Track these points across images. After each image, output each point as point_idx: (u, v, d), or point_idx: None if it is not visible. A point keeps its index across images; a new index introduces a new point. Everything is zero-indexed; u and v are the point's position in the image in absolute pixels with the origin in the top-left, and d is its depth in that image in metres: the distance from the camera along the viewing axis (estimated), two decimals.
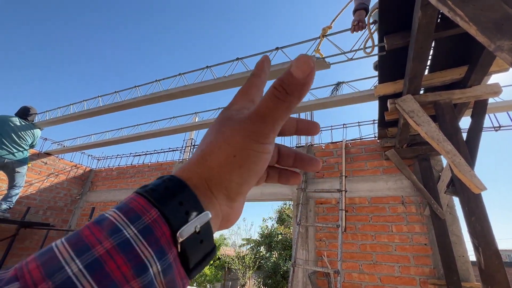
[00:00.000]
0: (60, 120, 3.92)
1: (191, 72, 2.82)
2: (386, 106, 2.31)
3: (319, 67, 2.18)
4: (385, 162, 2.98)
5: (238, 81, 2.50)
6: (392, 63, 1.96)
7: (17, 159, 3.75)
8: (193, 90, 2.75)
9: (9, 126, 3.77)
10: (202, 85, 2.67)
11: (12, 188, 3.77)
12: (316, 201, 3.14)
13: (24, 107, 4.05)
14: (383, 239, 2.64)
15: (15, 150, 3.74)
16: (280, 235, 13.29)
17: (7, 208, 3.69)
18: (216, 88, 2.66)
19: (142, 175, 4.80)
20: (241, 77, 2.47)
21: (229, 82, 2.54)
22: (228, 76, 2.53)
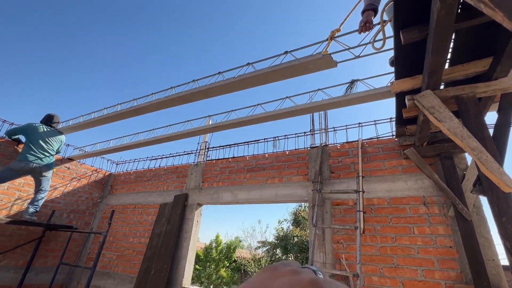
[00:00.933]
0: (82, 125, 4.09)
1: (204, 78, 2.86)
2: (403, 103, 2.23)
3: (326, 66, 2.15)
4: (404, 161, 2.87)
5: (246, 81, 2.52)
6: (409, 57, 1.89)
7: (44, 164, 3.95)
8: (204, 91, 2.79)
9: (37, 133, 3.99)
10: (212, 86, 2.71)
11: (39, 192, 3.97)
12: (332, 202, 3.07)
13: (48, 114, 4.29)
14: (404, 242, 2.53)
15: (42, 155, 3.95)
16: (296, 238, 13.13)
17: (34, 211, 3.89)
18: (226, 89, 2.69)
19: (158, 178, 4.90)
20: (249, 76, 2.48)
21: (238, 82, 2.56)
22: (237, 77, 2.56)
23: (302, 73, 2.30)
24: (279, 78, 2.42)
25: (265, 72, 2.39)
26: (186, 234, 3.89)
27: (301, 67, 2.23)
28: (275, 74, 2.38)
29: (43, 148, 3.97)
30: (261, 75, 2.42)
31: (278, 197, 3.45)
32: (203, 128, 3.68)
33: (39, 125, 4.08)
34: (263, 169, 3.78)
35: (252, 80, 2.50)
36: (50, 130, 4.15)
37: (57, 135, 4.23)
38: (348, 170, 3.17)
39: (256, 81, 2.52)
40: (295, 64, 2.23)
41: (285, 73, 2.34)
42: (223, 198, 3.88)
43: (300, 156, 3.59)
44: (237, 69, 2.62)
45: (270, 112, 3.09)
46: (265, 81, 2.50)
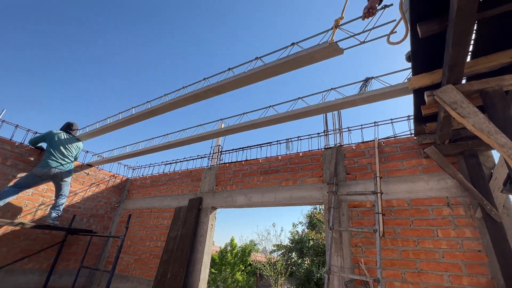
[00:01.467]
0: (99, 131, 4.22)
1: (214, 75, 2.89)
2: (422, 100, 2.13)
3: (333, 53, 2.14)
4: (424, 160, 2.75)
5: (256, 74, 2.53)
6: (427, 51, 1.80)
7: (65, 170, 4.12)
8: (216, 88, 2.82)
9: (57, 140, 4.17)
10: (224, 83, 2.73)
11: (59, 197, 4.12)
12: (349, 205, 2.98)
13: (67, 122, 4.49)
14: (427, 245, 2.41)
15: (63, 161, 4.12)
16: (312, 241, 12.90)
17: (56, 216, 4.04)
18: (237, 84, 2.71)
19: (173, 183, 4.97)
20: (259, 70, 2.49)
21: (248, 77, 2.58)
22: (247, 71, 2.57)
23: (309, 63, 2.30)
24: (288, 69, 2.42)
25: (274, 64, 2.40)
26: (201, 238, 3.90)
27: (308, 57, 2.23)
28: (283, 66, 2.39)
29: (63, 154, 4.14)
30: (270, 68, 2.44)
31: (292, 199, 3.39)
32: (215, 131, 3.69)
33: (59, 132, 4.26)
34: (277, 172, 3.74)
35: (261, 74, 2.52)
36: (69, 137, 4.33)
37: (76, 142, 4.41)
38: (364, 171, 3.08)
39: (266, 74, 2.53)
40: (302, 54, 2.22)
41: (293, 64, 2.35)
42: (237, 201, 3.86)
43: (314, 158, 3.52)
44: (246, 64, 2.64)
45: (282, 114, 3.05)
46: (274, 74, 2.51)
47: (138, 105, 3.74)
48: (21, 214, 4.12)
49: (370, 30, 1.97)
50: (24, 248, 4.06)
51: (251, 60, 2.59)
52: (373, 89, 2.50)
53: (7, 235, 3.93)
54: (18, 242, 4.03)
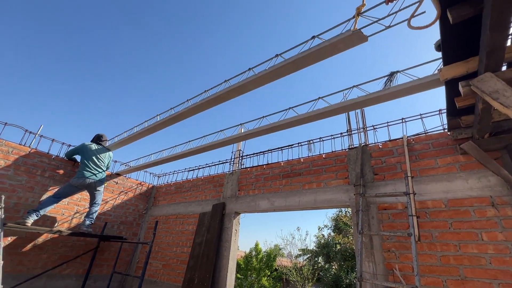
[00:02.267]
0: (127, 139, 4.39)
1: (235, 77, 2.89)
2: (456, 91, 1.97)
3: (357, 41, 2.04)
4: (461, 157, 2.53)
5: (278, 71, 2.49)
6: (460, 38, 1.66)
7: (98, 179, 4.35)
8: (238, 89, 2.81)
9: (90, 151, 4.42)
10: (245, 82, 2.71)
11: (93, 205, 4.35)
12: (378, 207, 2.82)
13: (97, 134, 4.76)
14: (471, 250, 2.19)
15: (96, 171, 4.35)
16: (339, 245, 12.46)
17: (90, 223, 4.26)
18: (259, 82, 2.68)
19: (196, 189, 5.05)
20: (280, 66, 2.44)
21: (269, 74, 2.55)
22: (268, 69, 2.53)
23: (332, 54, 2.22)
24: (310, 62, 2.35)
25: (295, 59, 2.34)
26: (226, 244, 3.90)
27: (331, 48, 2.15)
28: (305, 60, 2.32)
29: (96, 164, 4.39)
30: (291, 63, 2.38)
31: (317, 203, 3.28)
32: (236, 136, 3.70)
33: (91, 144, 4.52)
34: (299, 174, 3.65)
35: (283, 70, 2.48)
36: (100, 148, 4.58)
37: (107, 152, 4.66)
38: (393, 170, 2.90)
39: (287, 70, 2.48)
40: (325, 45, 2.14)
41: (316, 57, 2.27)
42: (260, 206, 3.82)
43: (338, 159, 3.39)
44: (266, 62, 2.61)
45: (303, 115, 2.98)
46: (296, 69, 2.45)
47: (162, 112, 3.84)
48: (58, 222, 4.39)
49: (395, 13, 1.85)
50: (62, 254, 4.31)
51: (271, 58, 2.55)
52: (400, 84, 2.35)
53: (47, 242, 4.20)
54: (57, 248, 4.29)
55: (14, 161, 4.05)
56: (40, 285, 3.96)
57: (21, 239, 3.95)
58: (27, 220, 3.58)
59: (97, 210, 4.42)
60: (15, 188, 4.00)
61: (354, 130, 3.48)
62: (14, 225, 3.44)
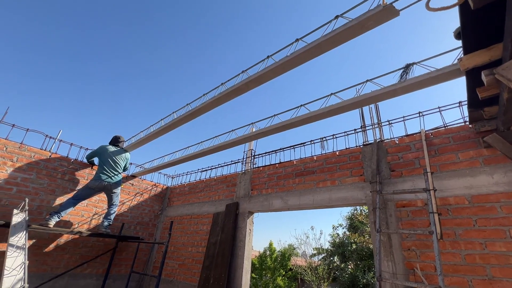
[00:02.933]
0: (144, 139, 4.39)
1: (253, 66, 2.78)
2: (478, 81, 1.87)
3: (387, 17, 1.90)
4: (485, 150, 2.40)
5: (300, 56, 2.34)
6: (482, 25, 1.57)
7: (114, 182, 4.46)
8: (257, 79, 2.70)
9: (106, 154, 4.53)
10: (266, 71, 2.59)
11: (111, 207, 4.47)
12: (396, 204, 2.73)
13: (114, 136, 4.86)
14: (498, 248, 2.08)
15: (112, 174, 4.46)
16: (354, 244, 12.23)
17: (108, 224, 4.37)
18: (279, 70, 2.55)
19: (210, 189, 5.09)
20: (302, 51, 2.28)
21: (291, 61, 2.40)
22: (290, 55, 2.39)
23: (359, 33, 2.06)
24: (334, 45, 2.19)
25: (319, 42, 2.17)
26: (240, 243, 3.90)
27: (359, 27, 1.99)
28: (329, 42, 2.15)
29: (112, 167, 4.49)
30: (314, 47, 2.21)
31: (332, 201, 3.22)
32: (247, 136, 3.69)
33: (108, 146, 4.64)
34: (313, 173, 3.59)
35: (305, 55, 2.32)
36: (116, 150, 4.68)
37: (123, 153, 4.74)
38: (411, 166, 2.80)
39: (310, 55, 2.31)
40: (352, 24, 1.99)
41: (341, 38, 2.11)
42: (274, 205, 3.80)
43: (352, 156, 3.31)
44: (286, 48, 2.46)
45: (315, 112, 2.93)
46: (319, 52, 2.28)
47: (178, 109, 3.77)
48: (78, 223, 4.54)
49: None
50: (83, 254, 4.46)
51: (291, 43, 2.41)
52: (417, 76, 2.26)
53: (69, 243, 4.36)
54: (78, 249, 4.44)
55: (36, 165, 4.23)
56: (63, 284, 4.11)
57: (45, 240, 4.12)
58: (49, 222, 3.72)
59: (115, 212, 4.53)
60: (38, 191, 4.17)
61: (368, 126, 3.40)
62: (38, 227, 3.58)
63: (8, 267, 2.76)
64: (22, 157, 4.12)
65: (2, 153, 3.95)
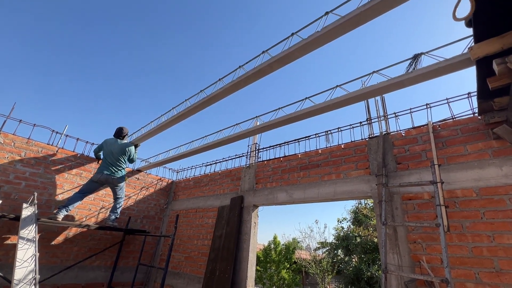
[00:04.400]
0: (155, 131, 4.32)
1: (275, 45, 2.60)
2: (488, 71, 1.82)
3: None
4: (494, 142, 2.36)
5: (334, 31, 2.17)
6: (494, 11, 1.52)
7: (115, 174, 4.41)
8: (281, 59, 2.52)
9: (109, 147, 4.48)
10: (292, 50, 2.43)
11: (116, 201, 4.52)
12: (402, 197, 2.71)
13: (118, 128, 4.77)
14: (507, 241, 2.05)
15: (113, 167, 4.40)
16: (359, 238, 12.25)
17: (115, 218, 4.44)
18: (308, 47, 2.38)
19: (214, 183, 5.11)
20: (337, 25, 2.12)
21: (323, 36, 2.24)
22: (321, 30, 2.23)
23: (392, 7, 1.90)
24: (364, 20, 2.03)
25: (357, 13, 1.99)
26: (245, 236, 3.93)
27: None
28: (361, 17, 1.99)
29: (113, 159, 4.43)
30: (351, 19, 2.02)
31: (337, 194, 3.21)
32: (251, 129, 3.68)
33: (110, 139, 4.59)
34: (318, 166, 3.58)
35: (340, 29, 2.12)
36: (119, 143, 4.56)
37: (125, 146, 4.59)
38: (418, 159, 2.76)
39: (344, 28, 2.11)
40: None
41: (374, 12, 1.94)
42: (278, 198, 3.80)
43: (358, 149, 3.29)
44: (314, 23, 2.28)
45: (320, 105, 2.90)
46: (356, 25, 2.09)
47: (191, 96, 3.61)
48: (86, 217, 4.62)
49: None
50: (91, 247, 4.55)
51: (320, 17, 2.24)
52: (425, 66, 2.21)
53: (77, 236, 4.44)
54: (86, 242, 4.53)
55: (44, 160, 4.29)
56: (72, 275, 4.21)
57: (54, 233, 4.21)
58: (58, 216, 3.79)
59: (121, 205, 4.58)
60: (46, 185, 4.24)
61: (374, 118, 3.35)
62: (47, 220, 3.66)
63: (20, 259, 2.83)
64: (30, 152, 4.18)
65: (10, 148, 4.01)
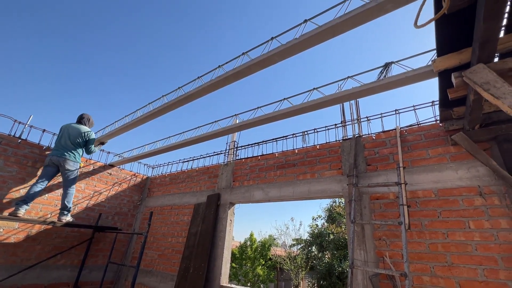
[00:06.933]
0: (130, 125, 4.12)
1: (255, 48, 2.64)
2: (448, 83, 1.99)
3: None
4: (452, 148, 2.58)
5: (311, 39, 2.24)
6: (454, 29, 1.66)
7: (64, 157, 3.99)
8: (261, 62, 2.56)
9: (65, 131, 4.16)
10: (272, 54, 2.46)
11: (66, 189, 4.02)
12: (370, 197, 2.87)
13: (80, 114, 4.48)
14: (458, 237, 2.27)
15: (63, 149, 4.03)
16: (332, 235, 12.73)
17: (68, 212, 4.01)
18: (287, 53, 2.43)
19: (191, 180, 5.05)
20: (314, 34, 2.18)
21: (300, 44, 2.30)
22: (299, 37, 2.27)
23: (376, 16, 1.99)
24: (349, 27, 2.10)
25: (333, 24, 2.08)
26: (221, 234, 3.94)
27: (377, 9, 1.91)
28: (343, 24, 2.07)
29: (67, 142, 4.08)
30: (327, 29, 2.12)
31: (311, 193, 3.33)
32: (230, 127, 3.69)
33: (67, 124, 4.24)
34: (294, 165, 3.68)
35: (317, 37, 2.21)
36: (76, 127, 4.23)
37: (83, 130, 4.25)
38: (386, 161, 2.94)
39: (321, 37, 2.20)
40: (370, 7, 1.90)
41: (356, 21, 2.03)
42: (255, 196, 3.85)
43: (332, 150, 3.42)
44: (293, 29, 2.36)
45: (298, 106, 2.98)
46: (331, 35, 2.18)
47: (169, 93, 3.53)
48: (51, 213, 4.36)
49: None
50: (56, 245, 4.30)
51: (299, 24, 2.30)
52: (395, 74, 2.36)
53: (41, 233, 4.18)
54: (51, 240, 4.27)
55: (4, 152, 3.97)
56: (34, 275, 3.96)
57: (14, 230, 3.92)
58: (18, 212, 3.53)
59: (72, 194, 4.09)
60: (5, 179, 3.93)
61: (348, 121, 3.51)
62: (6, 217, 3.40)
63: None
64: None
65: None
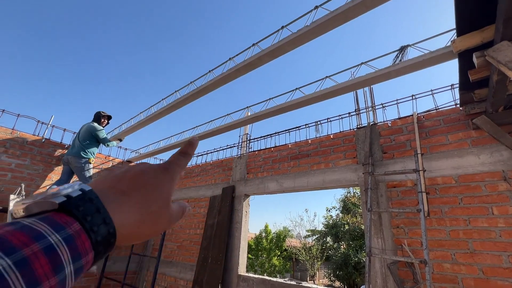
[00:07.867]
0: (144, 122, 4.25)
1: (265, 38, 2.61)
2: (469, 63, 1.90)
3: None
4: (473, 132, 2.48)
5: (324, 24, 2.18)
6: (475, 6, 1.58)
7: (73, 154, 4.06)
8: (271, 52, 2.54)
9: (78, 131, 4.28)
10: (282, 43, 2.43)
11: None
12: (387, 185, 2.83)
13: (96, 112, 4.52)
14: (481, 224, 2.20)
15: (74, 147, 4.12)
16: (347, 225, 12.67)
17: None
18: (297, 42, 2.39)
19: (206, 173, 5.15)
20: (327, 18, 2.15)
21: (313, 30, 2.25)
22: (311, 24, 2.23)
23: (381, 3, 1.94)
24: (362, 11, 2.03)
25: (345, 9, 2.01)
26: (237, 225, 4.02)
27: None
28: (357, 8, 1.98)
29: (75, 142, 4.18)
30: (340, 14, 2.05)
31: (325, 183, 3.31)
32: (243, 120, 3.70)
33: (86, 124, 4.32)
34: (307, 156, 3.66)
35: (329, 23, 2.14)
36: (86, 125, 4.27)
37: (91, 126, 4.22)
38: (402, 148, 2.88)
39: (334, 23, 2.13)
40: None
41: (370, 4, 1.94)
42: (269, 187, 3.88)
43: (346, 139, 3.37)
44: (304, 16, 2.30)
45: (310, 95, 2.95)
46: (344, 20, 2.12)
47: (181, 88, 3.58)
48: None
49: None
50: None
51: (310, 11, 2.25)
52: (411, 58, 2.28)
53: None
54: None
55: (30, 151, 4.19)
56: None
57: None
58: None
59: None
60: (33, 177, 4.16)
61: (362, 109, 3.44)
62: None
63: None
64: (15, 143, 4.08)
65: None
